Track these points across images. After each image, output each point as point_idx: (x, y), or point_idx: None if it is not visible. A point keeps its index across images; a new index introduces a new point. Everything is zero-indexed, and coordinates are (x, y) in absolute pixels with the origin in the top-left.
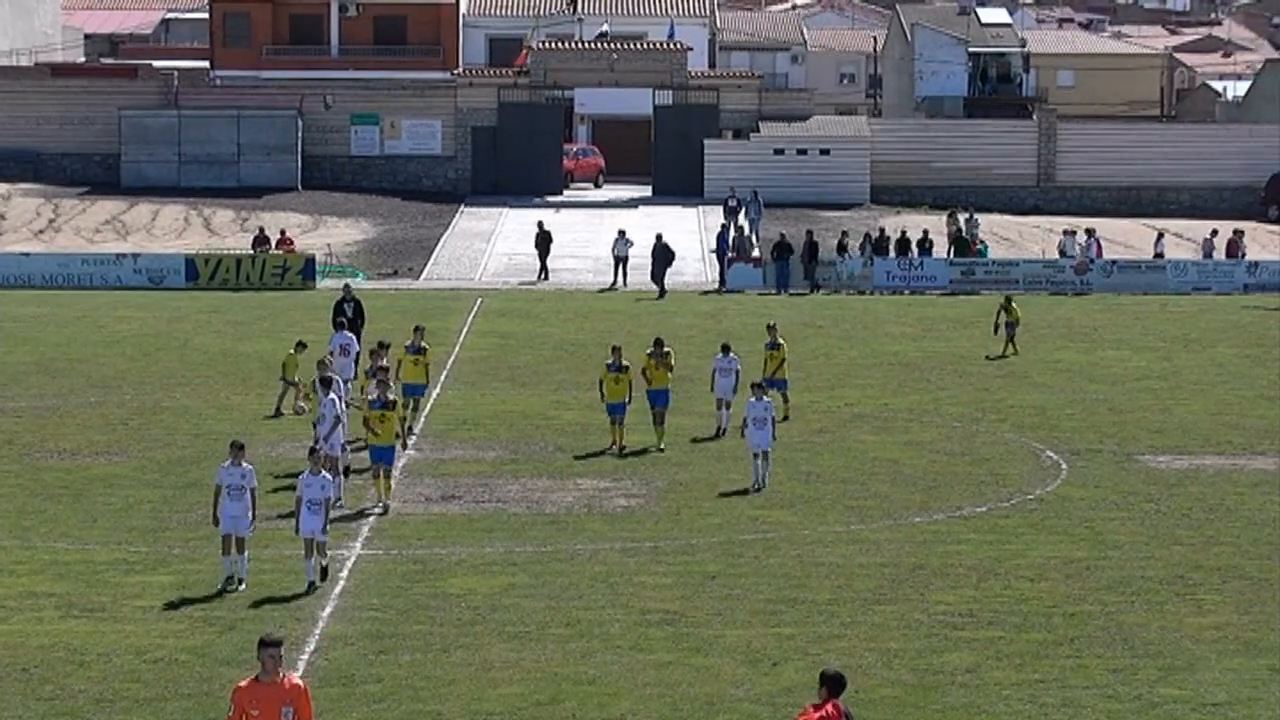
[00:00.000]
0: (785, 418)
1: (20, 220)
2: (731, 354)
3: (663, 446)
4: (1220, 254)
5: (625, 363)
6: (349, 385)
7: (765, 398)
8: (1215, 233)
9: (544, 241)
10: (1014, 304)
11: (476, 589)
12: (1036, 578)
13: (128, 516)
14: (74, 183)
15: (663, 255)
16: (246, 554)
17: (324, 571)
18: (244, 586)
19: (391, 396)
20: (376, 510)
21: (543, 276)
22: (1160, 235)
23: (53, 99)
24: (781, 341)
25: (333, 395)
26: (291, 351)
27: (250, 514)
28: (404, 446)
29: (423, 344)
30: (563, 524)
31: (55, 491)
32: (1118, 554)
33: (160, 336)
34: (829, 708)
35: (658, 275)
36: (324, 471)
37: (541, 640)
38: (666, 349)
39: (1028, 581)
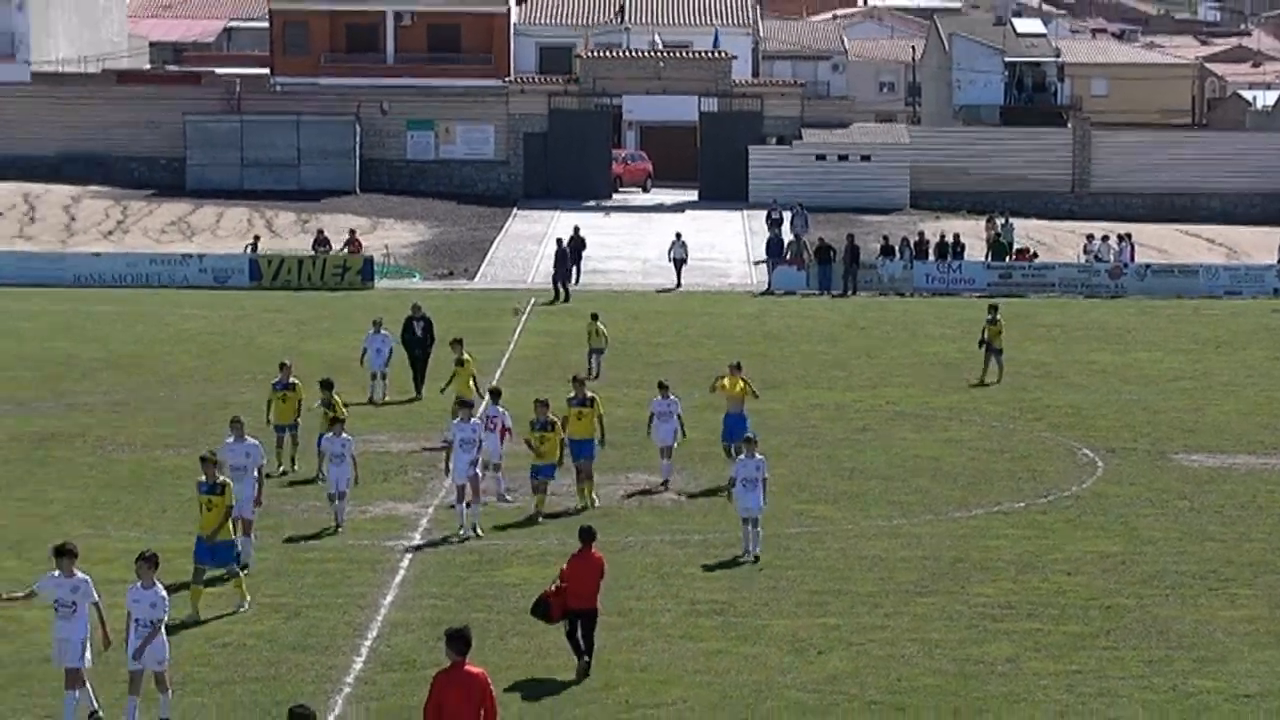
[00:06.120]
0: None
1: (90, 221)
2: (671, 395)
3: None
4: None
5: (590, 394)
6: (385, 381)
7: (757, 454)
8: None
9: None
10: (999, 321)
11: (532, 579)
12: (1073, 571)
13: (196, 506)
14: (141, 185)
15: (565, 258)
16: (82, 689)
17: None
18: None
19: (221, 478)
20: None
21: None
22: None
23: (120, 105)
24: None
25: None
26: (590, 320)
27: (86, 639)
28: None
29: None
30: (614, 516)
31: (127, 482)
32: (1152, 549)
33: (225, 335)
34: (593, 554)
35: (558, 277)
36: (157, 584)
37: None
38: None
39: (1065, 575)
